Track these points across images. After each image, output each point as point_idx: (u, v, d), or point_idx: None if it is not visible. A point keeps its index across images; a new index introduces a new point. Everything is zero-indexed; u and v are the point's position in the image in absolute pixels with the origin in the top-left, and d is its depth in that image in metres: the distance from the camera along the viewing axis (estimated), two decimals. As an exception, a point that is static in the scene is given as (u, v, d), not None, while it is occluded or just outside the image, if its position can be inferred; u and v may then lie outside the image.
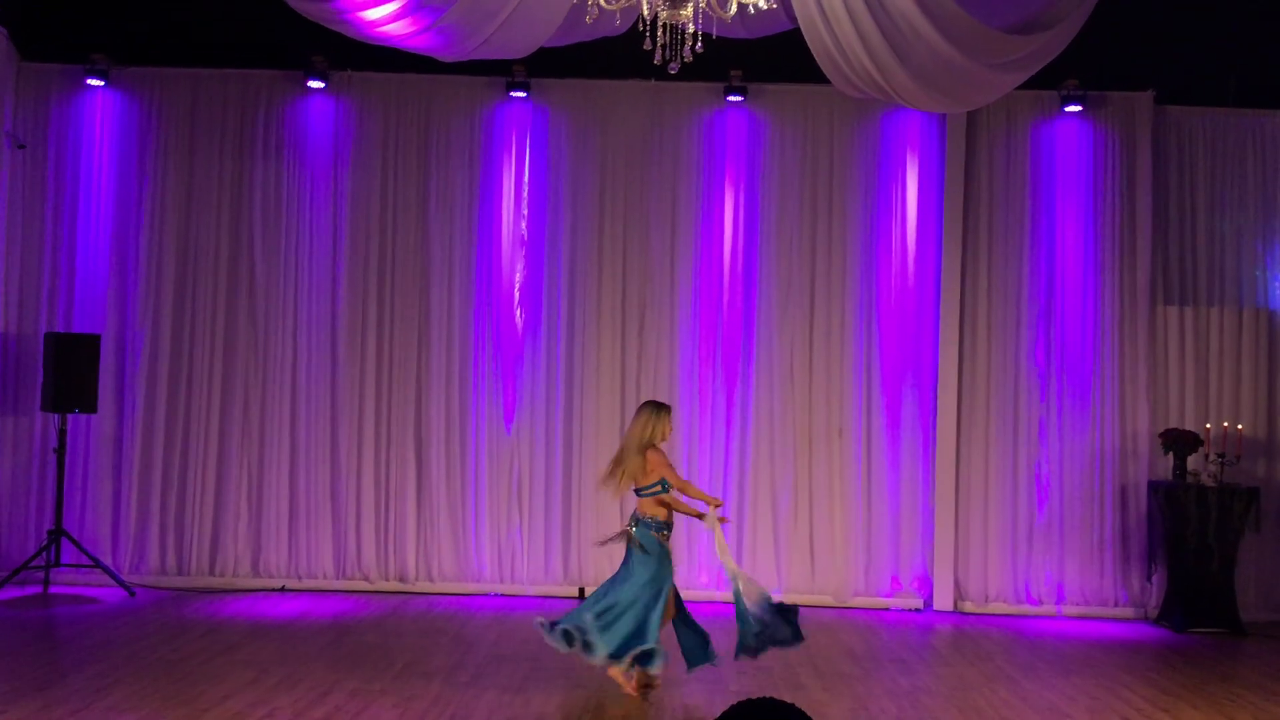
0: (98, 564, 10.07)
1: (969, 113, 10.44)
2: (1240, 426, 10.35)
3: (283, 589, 10.51)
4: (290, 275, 10.69)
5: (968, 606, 10.49)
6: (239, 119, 10.73)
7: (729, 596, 7.56)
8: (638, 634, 7.25)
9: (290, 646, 8.43)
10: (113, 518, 10.55)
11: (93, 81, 10.60)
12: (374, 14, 7.20)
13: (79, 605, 9.65)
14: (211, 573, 10.56)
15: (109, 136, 10.75)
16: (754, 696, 2.45)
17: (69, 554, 10.13)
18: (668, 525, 7.57)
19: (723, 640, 7.62)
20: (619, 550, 10.50)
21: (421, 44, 7.63)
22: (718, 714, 2.41)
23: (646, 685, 7.42)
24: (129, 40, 10.53)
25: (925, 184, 10.71)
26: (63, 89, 10.71)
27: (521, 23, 7.40)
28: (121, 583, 10.13)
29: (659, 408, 7.66)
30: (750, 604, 7.36)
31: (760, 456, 10.58)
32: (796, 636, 7.41)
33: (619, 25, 6.90)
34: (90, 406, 10.09)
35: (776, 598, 7.80)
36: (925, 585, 10.57)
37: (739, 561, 10.61)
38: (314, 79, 10.55)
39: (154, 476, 10.56)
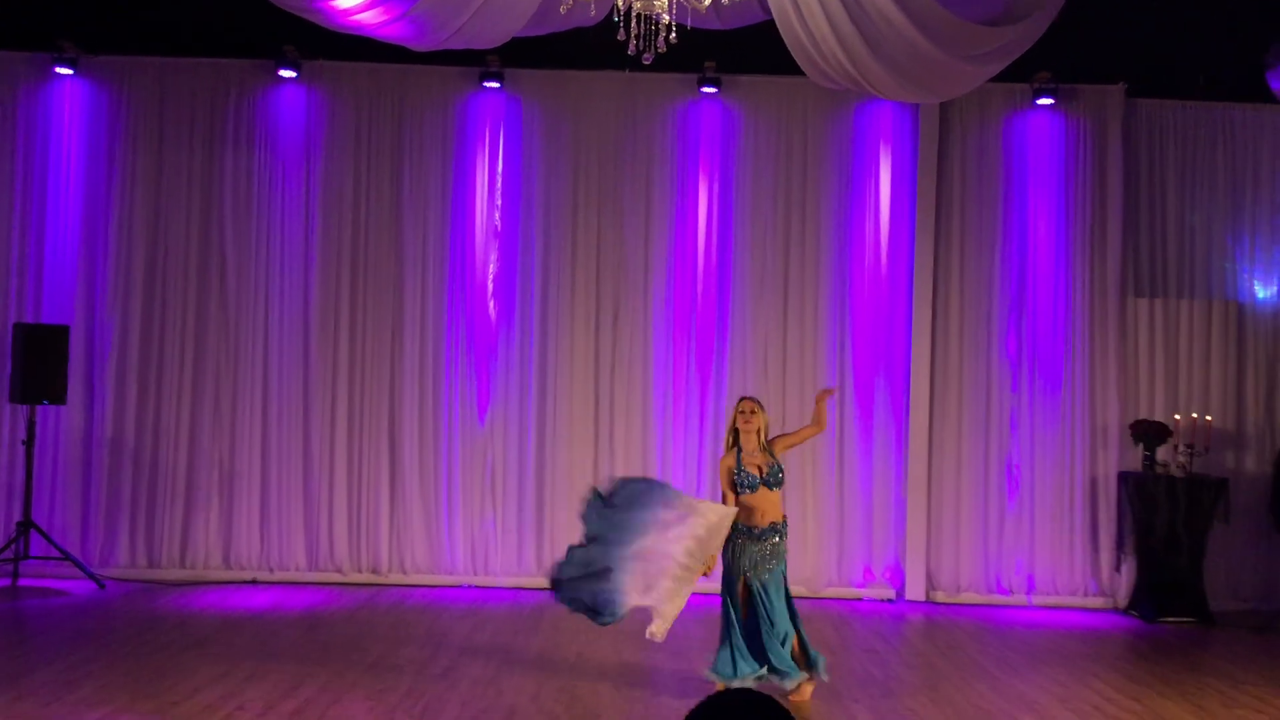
0: (67, 556, 10.00)
1: (942, 105, 10.47)
2: (1209, 418, 10.43)
3: (254, 581, 10.45)
4: (262, 266, 10.63)
5: (939, 596, 10.54)
6: (209, 108, 10.65)
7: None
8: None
9: (261, 639, 8.39)
10: (82, 510, 10.47)
11: (61, 70, 10.50)
12: (346, 2, 7.15)
13: (48, 598, 9.58)
14: (182, 565, 10.49)
15: (78, 126, 10.65)
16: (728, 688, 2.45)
17: (38, 546, 10.05)
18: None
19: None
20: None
21: (393, 33, 7.59)
22: (690, 706, 2.41)
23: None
24: (98, 28, 10.42)
25: (898, 176, 10.74)
26: (30, 77, 10.60)
27: (495, 12, 7.37)
28: (91, 575, 10.05)
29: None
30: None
31: (734, 448, 10.59)
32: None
33: (593, 15, 6.88)
34: (59, 398, 10.01)
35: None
36: (897, 575, 10.61)
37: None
38: (285, 68, 10.49)
39: (124, 468, 10.49)
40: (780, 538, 7.29)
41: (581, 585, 6.79)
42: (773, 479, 7.27)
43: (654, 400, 10.60)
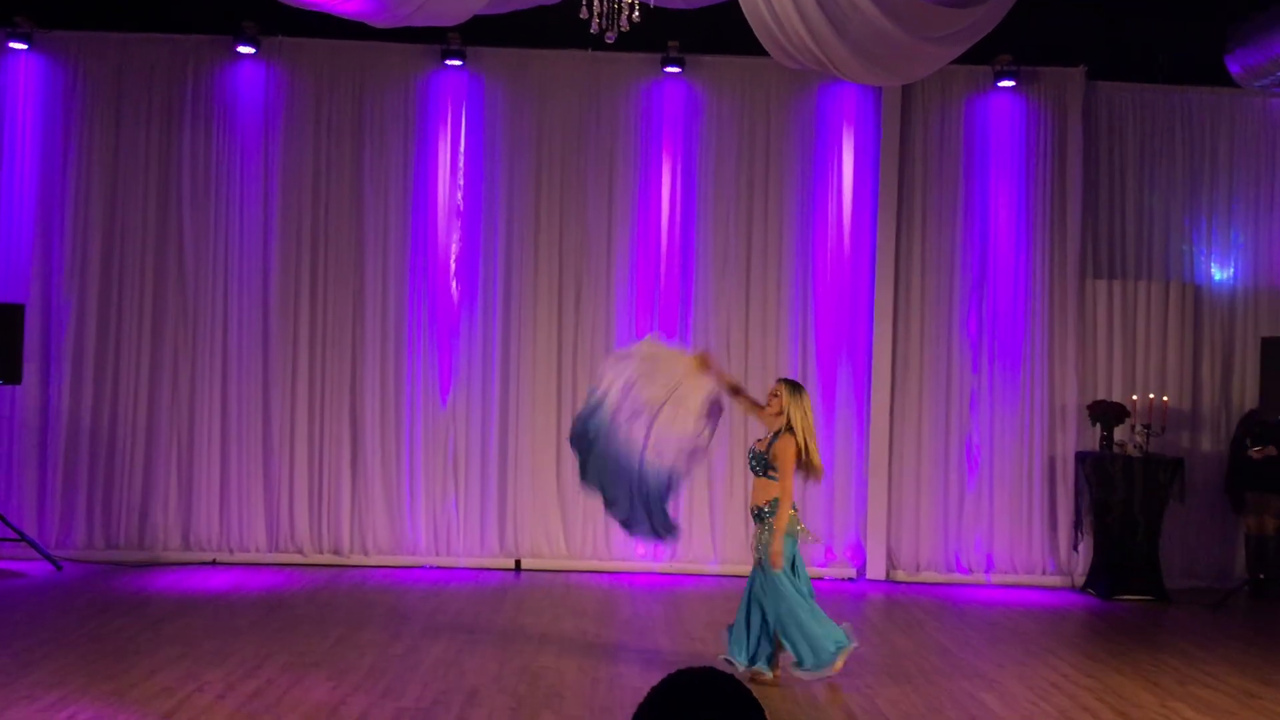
0: (23, 537, 9.89)
1: (904, 87, 10.49)
2: (1165, 398, 10.54)
3: (214, 562, 10.39)
4: (220, 245, 10.52)
5: (900, 575, 10.62)
6: (167, 85, 10.51)
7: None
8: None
9: (221, 620, 8.34)
10: (39, 490, 10.35)
11: (15, 45, 10.34)
12: (305, -22, 7.07)
13: (4, 580, 9.47)
14: (140, 546, 10.40)
15: (32, 102, 10.49)
16: (690, 666, 2.46)
17: (-7, 528, 9.96)
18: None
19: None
20: (556, 524, 10.55)
21: (354, 9, 7.50)
22: (651, 683, 2.41)
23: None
24: (53, 2, 10.26)
25: (861, 157, 10.76)
26: (-17, 52, 10.45)
27: (456, -11, 7.31)
28: (48, 556, 9.95)
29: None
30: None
31: (696, 428, 10.60)
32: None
33: (556, -7, 6.84)
34: (14, 377, 9.88)
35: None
36: (858, 555, 10.68)
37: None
38: (244, 44, 10.36)
39: (81, 448, 10.38)
40: (758, 528, 7.17)
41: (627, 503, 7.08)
42: (756, 465, 7.24)
43: (616, 381, 10.57)
